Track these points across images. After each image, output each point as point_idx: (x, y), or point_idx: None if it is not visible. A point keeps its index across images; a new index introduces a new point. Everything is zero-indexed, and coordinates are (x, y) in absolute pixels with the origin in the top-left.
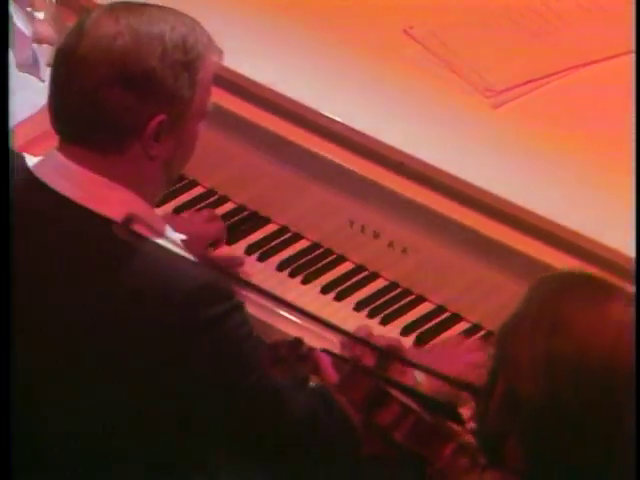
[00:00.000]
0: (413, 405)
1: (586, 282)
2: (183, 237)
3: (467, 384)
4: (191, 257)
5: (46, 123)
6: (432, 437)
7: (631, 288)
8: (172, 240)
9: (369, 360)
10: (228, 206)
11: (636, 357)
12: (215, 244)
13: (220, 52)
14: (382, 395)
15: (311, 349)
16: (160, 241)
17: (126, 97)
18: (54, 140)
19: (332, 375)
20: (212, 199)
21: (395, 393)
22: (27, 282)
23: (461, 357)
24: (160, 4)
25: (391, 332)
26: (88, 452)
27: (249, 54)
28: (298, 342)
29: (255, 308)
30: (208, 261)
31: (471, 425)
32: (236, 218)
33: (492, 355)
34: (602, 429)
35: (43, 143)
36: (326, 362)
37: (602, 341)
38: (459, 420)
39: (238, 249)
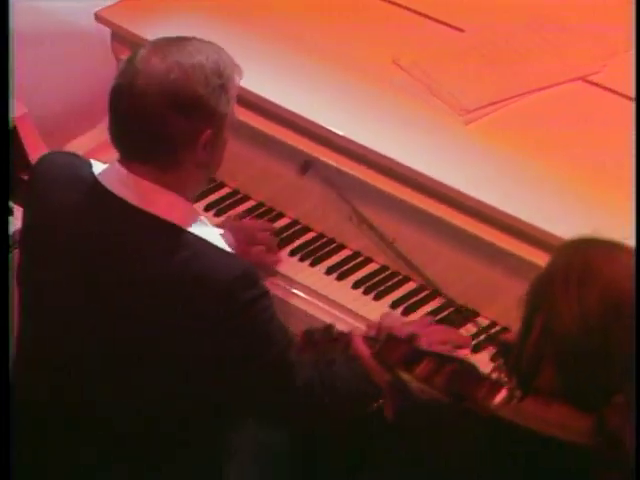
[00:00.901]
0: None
1: (599, 242)
2: (221, 231)
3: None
4: (228, 249)
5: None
6: (469, 378)
7: None
8: (213, 234)
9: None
10: (249, 203)
11: (636, 357)
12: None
13: (240, 71)
14: (417, 354)
15: (342, 332)
16: (202, 235)
17: (180, 120)
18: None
19: (364, 350)
20: (236, 197)
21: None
22: (88, 270)
23: (442, 332)
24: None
25: (383, 306)
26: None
27: (271, 81)
28: (330, 328)
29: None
30: (250, 256)
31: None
32: (255, 213)
33: (526, 301)
34: (623, 350)
35: (108, 149)
36: (358, 340)
37: (620, 285)
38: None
39: None
